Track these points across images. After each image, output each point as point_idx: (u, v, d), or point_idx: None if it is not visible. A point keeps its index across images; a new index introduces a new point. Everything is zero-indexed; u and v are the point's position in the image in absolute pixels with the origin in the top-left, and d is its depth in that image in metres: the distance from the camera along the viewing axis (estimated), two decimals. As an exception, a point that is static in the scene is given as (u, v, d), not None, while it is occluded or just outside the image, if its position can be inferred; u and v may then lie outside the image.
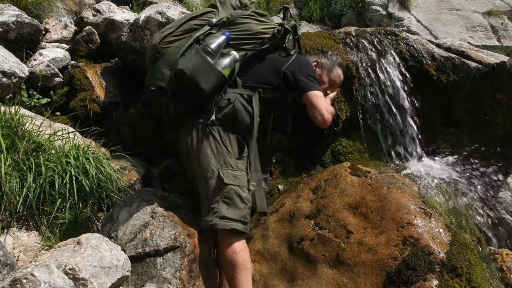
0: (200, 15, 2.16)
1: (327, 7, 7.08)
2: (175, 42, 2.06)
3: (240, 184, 1.98)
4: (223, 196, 1.94)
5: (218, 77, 2.01)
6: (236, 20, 2.16)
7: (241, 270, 1.87)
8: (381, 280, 1.84)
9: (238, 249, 1.90)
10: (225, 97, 2.05)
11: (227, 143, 2.02)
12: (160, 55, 2.05)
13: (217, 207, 1.92)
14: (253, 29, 2.16)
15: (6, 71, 2.95)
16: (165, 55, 2.05)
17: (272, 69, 2.19)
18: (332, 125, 2.64)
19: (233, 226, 1.91)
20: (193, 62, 1.98)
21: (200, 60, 1.98)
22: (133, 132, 3.17)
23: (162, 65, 2.04)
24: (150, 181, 2.93)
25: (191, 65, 1.97)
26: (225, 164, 1.98)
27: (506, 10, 7.19)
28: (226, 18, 2.16)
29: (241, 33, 2.14)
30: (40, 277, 1.45)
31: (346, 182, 2.24)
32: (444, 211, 2.13)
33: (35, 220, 2.16)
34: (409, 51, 2.66)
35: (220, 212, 1.91)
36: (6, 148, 2.16)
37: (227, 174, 1.95)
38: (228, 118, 2.04)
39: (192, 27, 2.11)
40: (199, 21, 2.14)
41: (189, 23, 2.11)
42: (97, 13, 4.25)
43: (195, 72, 1.95)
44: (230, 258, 1.89)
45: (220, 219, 1.90)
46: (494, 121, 2.62)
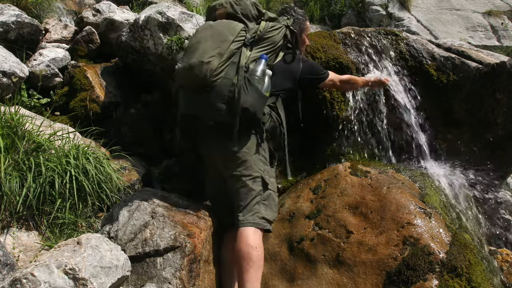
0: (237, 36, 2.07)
1: (327, 7, 7.09)
2: (222, 72, 2.00)
3: (275, 190, 2.13)
4: (264, 199, 2.05)
5: (266, 102, 2.07)
6: (264, 35, 2.15)
7: (255, 264, 1.90)
8: (381, 280, 1.84)
9: (255, 244, 1.94)
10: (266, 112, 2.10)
11: (264, 152, 2.10)
12: (211, 88, 1.99)
13: (258, 208, 2.02)
14: (275, 41, 2.17)
15: (6, 71, 2.95)
16: (216, 87, 1.98)
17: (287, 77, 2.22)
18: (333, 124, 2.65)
19: (268, 226, 2.04)
20: (251, 96, 1.97)
21: (255, 92, 1.98)
22: (133, 132, 3.17)
23: (215, 98, 1.98)
24: (150, 181, 2.93)
25: (251, 100, 1.96)
26: (265, 171, 2.08)
27: (506, 10, 7.18)
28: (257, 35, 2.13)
29: (268, 48, 2.14)
30: (40, 277, 1.45)
31: (346, 182, 2.24)
32: (443, 210, 2.13)
33: (35, 220, 2.16)
34: (409, 51, 2.66)
35: (261, 213, 2.02)
36: (6, 148, 2.16)
37: (268, 179, 2.07)
38: (269, 131, 2.14)
39: (233, 52, 2.05)
40: (237, 44, 2.07)
41: (231, 48, 2.03)
42: (97, 13, 4.25)
43: (255, 107, 1.98)
44: (246, 251, 1.91)
45: (260, 219, 2.01)
46: (494, 121, 2.62)
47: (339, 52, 2.68)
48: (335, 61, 2.64)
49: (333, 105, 2.60)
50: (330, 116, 2.62)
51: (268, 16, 2.27)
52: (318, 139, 2.72)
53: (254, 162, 2.05)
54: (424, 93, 2.60)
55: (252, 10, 2.23)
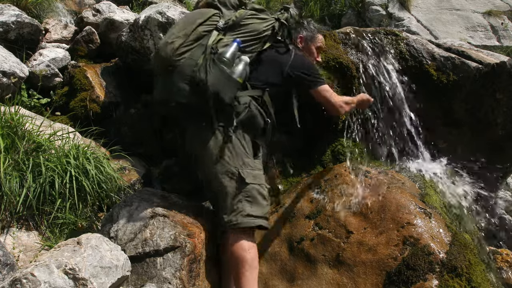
0: (206, 19, 2.08)
1: (327, 7, 7.08)
2: (187, 52, 1.99)
3: (260, 182, 2.01)
4: (246, 195, 1.96)
5: (237, 86, 2.00)
6: (241, 21, 2.12)
7: (249, 267, 1.88)
8: (381, 280, 1.84)
9: (247, 246, 1.91)
10: (242, 102, 2.04)
11: (244, 144, 2.03)
12: (173, 67, 1.99)
13: (240, 207, 1.94)
14: (257, 29, 2.13)
15: (6, 71, 2.95)
16: (178, 67, 1.98)
17: (275, 69, 2.15)
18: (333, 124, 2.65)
19: (258, 222, 1.94)
20: (213, 75, 1.93)
21: (219, 73, 1.94)
22: (133, 132, 3.17)
23: (178, 79, 1.97)
24: (150, 181, 2.93)
25: (212, 79, 1.93)
26: (244, 164, 1.99)
27: (506, 10, 7.19)
28: (232, 21, 2.12)
29: (247, 35, 2.10)
30: (40, 277, 1.45)
31: (346, 182, 2.24)
32: (443, 210, 2.13)
33: (35, 220, 2.16)
34: (409, 51, 2.66)
35: (244, 211, 1.93)
36: (6, 148, 2.16)
37: (247, 174, 1.97)
38: (245, 122, 2.05)
39: (201, 34, 2.04)
40: (206, 27, 2.06)
41: (198, 30, 2.03)
42: (97, 13, 4.25)
43: (217, 87, 1.93)
44: (239, 255, 1.89)
45: (245, 217, 1.92)
46: (494, 121, 2.62)
47: (339, 52, 2.68)
48: (335, 61, 2.64)
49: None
50: (330, 116, 2.62)
51: (252, 6, 2.25)
52: (318, 139, 2.72)
53: (229, 157, 1.98)
54: (424, 93, 2.60)
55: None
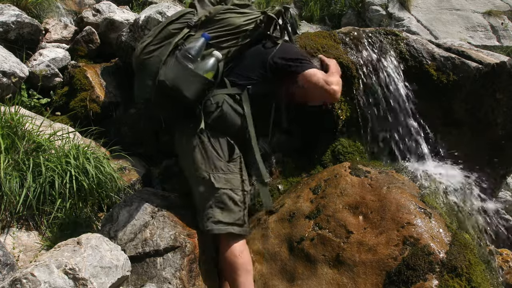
0: (178, 18, 2.06)
1: (327, 7, 7.09)
2: (156, 51, 1.97)
3: (232, 187, 1.95)
4: (216, 200, 1.92)
5: (202, 82, 1.92)
6: (215, 17, 2.06)
7: (242, 272, 1.87)
8: (381, 280, 1.84)
9: (237, 251, 1.90)
10: (214, 101, 1.98)
11: (217, 146, 1.98)
12: (143, 66, 1.98)
13: (211, 213, 1.91)
14: (234, 23, 2.05)
15: (6, 71, 2.95)
16: (147, 65, 1.97)
17: (258, 62, 2.08)
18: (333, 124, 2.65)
19: (228, 230, 1.90)
20: (174, 70, 1.89)
21: (180, 68, 1.89)
22: (133, 132, 3.17)
23: (145, 76, 1.97)
24: (150, 181, 2.93)
25: (171, 74, 1.89)
26: (215, 168, 1.94)
27: (506, 10, 7.19)
28: (204, 16, 2.06)
29: (221, 30, 2.04)
30: (40, 277, 1.45)
31: (346, 182, 2.24)
32: (443, 210, 2.13)
33: (35, 220, 2.16)
34: (409, 51, 2.66)
35: (215, 217, 1.90)
36: (6, 148, 2.16)
37: (218, 179, 1.93)
38: (217, 122, 1.99)
39: (171, 32, 2.01)
40: (177, 25, 2.04)
41: (167, 29, 2.01)
42: (97, 13, 4.25)
43: (177, 81, 1.87)
44: (230, 260, 1.88)
45: (215, 224, 1.89)
46: (494, 121, 2.62)
47: (339, 52, 2.67)
48: (335, 61, 2.64)
49: (333, 105, 2.60)
50: (330, 116, 2.62)
51: (233, 2, 2.20)
52: (318, 139, 2.72)
53: (201, 160, 1.94)
54: (424, 93, 2.60)
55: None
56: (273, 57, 2.05)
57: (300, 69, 2.05)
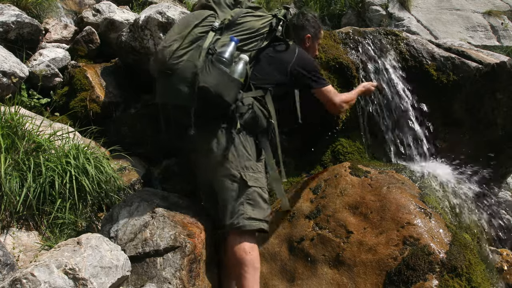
0: (201, 21, 2.07)
1: (327, 7, 7.08)
2: (185, 55, 1.98)
3: (261, 185, 2.03)
4: (247, 198, 1.97)
5: (238, 86, 1.99)
6: (237, 20, 2.11)
7: (250, 269, 1.88)
8: (381, 280, 1.84)
9: (248, 248, 1.92)
10: (245, 103, 2.04)
11: (247, 146, 2.03)
12: (172, 71, 1.97)
13: (242, 209, 1.95)
14: (254, 27, 2.12)
15: (6, 71, 2.96)
16: (177, 71, 1.96)
17: (278, 68, 2.15)
18: (333, 124, 2.65)
19: (260, 225, 1.96)
20: (213, 76, 1.92)
21: (219, 73, 1.93)
22: (133, 132, 3.17)
23: (177, 82, 1.97)
24: (150, 181, 2.93)
25: (213, 80, 1.92)
26: (246, 167, 2.00)
27: (506, 10, 7.19)
28: (227, 20, 2.11)
29: (244, 34, 2.10)
30: (40, 277, 1.45)
31: (346, 182, 2.24)
32: (443, 210, 2.13)
33: (35, 220, 2.16)
34: (409, 51, 2.66)
35: (246, 214, 1.94)
36: (6, 148, 2.16)
37: (249, 177, 1.99)
38: (248, 123, 2.05)
39: (198, 36, 2.03)
40: (202, 28, 2.05)
41: (194, 32, 2.02)
42: (97, 13, 4.25)
43: (218, 87, 1.92)
44: (240, 256, 1.90)
45: (247, 220, 1.94)
46: (494, 121, 2.62)
47: (339, 52, 2.68)
48: (335, 61, 2.64)
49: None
50: (330, 116, 2.62)
51: (247, 5, 2.24)
52: (318, 139, 2.72)
53: (232, 159, 1.98)
54: (424, 93, 2.60)
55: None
56: (294, 65, 2.16)
57: (316, 85, 2.22)
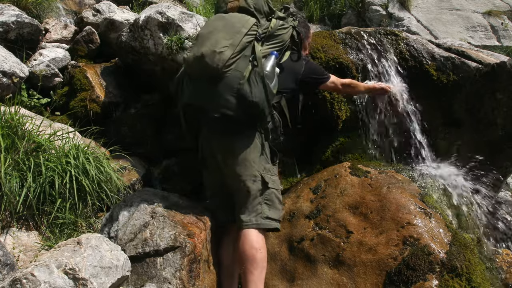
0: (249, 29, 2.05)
1: (327, 7, 7.08)
2: (233, 64, 1.97)
3: (277, 187, 2.11)
4: (266, 198, 2.04)
5: (274, 98, 2.05)
6: (275, 32, 2.15)
7: (258, 266, 1.91)
8: (381, 280, 1.84)
9: (259, 246, 1.95)
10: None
11: (266, 149, 2.09)
12: (220, 79, 1.95)
13: (260, 208, 2.02)
14: (284, 40, 2.18)
15: (6, 71, 2.96)
16: (225, 79, 1.95)
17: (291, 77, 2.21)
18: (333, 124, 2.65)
19: (275, 225, 2.04)
20: (259, 90, 1.95)
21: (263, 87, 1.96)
22: (133, 132, 3.17)
23: (224, 90, 1.95)
24: (150, 181, 2.93)
25: (260, 95, 1.94)
26: (265, 169, 2.06)
27: (506, 10, 7.19)
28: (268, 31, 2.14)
29: (278, 46, 2.15)
30: (40, 277, 1.45)
31: (346, 182, 2.24)
32: (443, 210, 2.13)
33: (35, 220, 2.16)
34: (409, 51, 2.66)
35: (264, 213, 2.02)
36: (6, 148, 2.16)
37: (268, 178, 2.05)
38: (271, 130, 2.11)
39: (246, 45, 2.03)
40: (249, 37, 2.05)
41: (244, 41, 2.01)
42: (97, 13, 4.25)
43: (264, 102, 1.96)
44: (250, 253, 1.92)
45: (264, 219, 2.01)
46: (494, 121, 2.62)
47: (339, 52, 2.68)
48: (335, 61, 2.64)
49: (333, 105, 2.60)
50: (330, 116, 2.62)
51: (278, 15, 2.26)
52: (318, 139, 2.72)
53: (255, 161, 2.04)
54: (424, 93, 2.60)
55: (264, 6, 2.22)
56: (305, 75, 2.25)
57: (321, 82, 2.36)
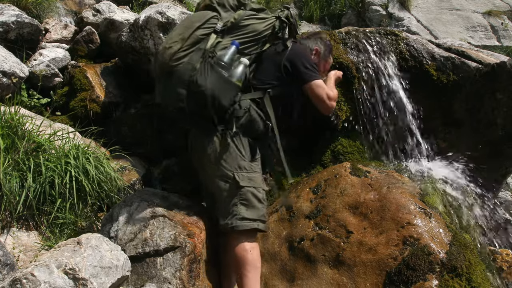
0: (204, 22, 2.05)
1: (327, 7, 7.09)
2: (185, 57, 1.98)
3: (255, 185, 2.02)
4: (241, 198, 1.97)
5: (236, 89, 1.99)
6: (240, 23, 2.09)
7: (251, 268, 1.89)
8: (381, 280, 1.84)
9: (249, 247, 1.92)
10: (242, 106, 2.03)
11: (240, 147, 2.03)
12: (171, 73, 1.98)
13: (236, 210, 1.96)
14: (257, 30, 2.11)
15: (6, 71, 2.96)
16: (176, 72, 1.96)
17: (273, 65, 2.13)
18: (333, 124, 2.65)
19: (253, 225, 1.95)
20: (211, 80, 1.92)
21: (217, 77, 1.93)
22: (133, 132, 3.17)
23: (176, 84, 1.97)
24: (150, 181, 2.93)
25: (209, 84, 1.92)
26: (239, 167, 2.00)
27: (506, 10, 7.19)
28: (230, 22, 2.09)
29: (246, 37, 2.09)
30: (40, 277, 1.45)
31: (346, 182, 2.24)
32: (443, 210, 2.13)
33: (35, 220, 2.16)
34: (409, 51, 2.66)
35: (240, 214, 1.94)
36: (6, 148, 2.16)
37: (242, 177, 1.99)
38: (245, 126, 2.05)
39: (199, 38, 2.02)
40: (205, 30, 2.04)
41: (196, 34, 2.01)
42: (97, 13, 4.25)
43: (215, 91, 1.92)
44: (241, 255, 1.90)
45: (240, 220, 1.94)
46: (494, 121, 2.62)
47: (339, 52, 2.68)
48: (335, 61, 2.64)
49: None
50: (330, 116, 2.62)
51: (251, 6, 2.21)
52: (318, 139, 2.72)
53: (226, 160, 1.99)
54: (424, 93, 2.60)
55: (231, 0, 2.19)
56: (286, 59, 2.12)
57: (308, 78, 2.13)
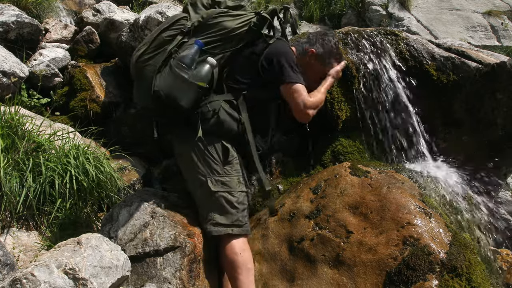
0: (171, 24, 2.03)
1: (327, 7, 7.08)
2: (151, 59, 1.98)
3: (229, 189, 2.00)
4: (214, 204, 1.98)
5: (196, 90, 1.92)
6: (207, 22, 2.03)
7: (242, 270, 1.89)
8: (381, 280, 1.84)
9: (238, 249, 1.92)
10: (210, 108, 1.99)
11: (212, 150, 2.00)
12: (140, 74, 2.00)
13: (211, 215, 1.98)
14: (227, 27, 2.02)
15: (6, 71, 2.96)
16: (143, 74, 1.98)
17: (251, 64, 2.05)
18: (333, 124, 2.65)
19: (227, 231, 1.95)
20: (167, 80, 1.90)
21: (174, 77, 1.89)
22: (133, 132, 3.17)
23: (143, 84, 1.98)
24: (150, 181, 2.93)
25: (165, 84, 1.89)
26: (211, 172, 1.99)
27: (506, 10, 7.19)
28: (197, 22, 2.04)
29: (215, 36, 2.02)
30: (40, 277, 1.45)
31: (346, 182, 2.24)
32: (443, 210, 2.13)
33: (35, 220, 2.16)
34: (409, 51, 2.66)
35: (214, 220, 1.97)
36: (6, 148, 2.17)
37: (214, 182, 1.98)
38: (214, 129, 2.01)
39: (165, 40, 2.00)
40: (171, 32, 2.02)
41: (161, 36, 2.00)
42: (97, 13, 4.26)
43: (171, 91, 1.88)
44: (231, 258, 1.91)
45: (214, 226, 1.96)
46: (494, 121, 2.62)
47: (339, 52, 2.67)
48: (335, 61, 2.63)
49: (333, 105, 2.60)
50: (330, 116, 2.62)
51: (227, 4, 2.15)
52: (318, 139, 2.72)
53: (198, 165, 1.99)
54: (424, 93, 2.59)
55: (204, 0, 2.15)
56: (264, 56, 2.04)
57: (284, 78, 2.01)
